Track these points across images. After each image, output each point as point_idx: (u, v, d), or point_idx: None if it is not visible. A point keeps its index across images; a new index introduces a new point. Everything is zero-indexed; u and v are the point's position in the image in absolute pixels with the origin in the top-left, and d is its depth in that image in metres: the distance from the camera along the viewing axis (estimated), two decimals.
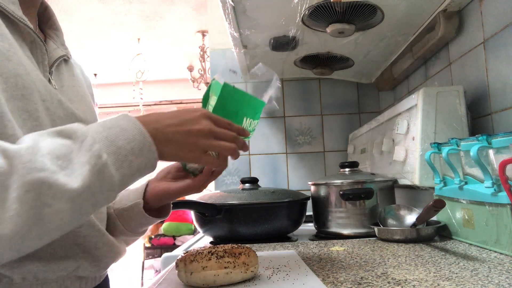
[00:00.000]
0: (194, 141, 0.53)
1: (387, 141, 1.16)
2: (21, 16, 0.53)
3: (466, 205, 0.77)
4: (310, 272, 0.60)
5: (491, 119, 0.91)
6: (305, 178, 1.69)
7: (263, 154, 1.71)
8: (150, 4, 3.21)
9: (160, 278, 0.63)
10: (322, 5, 0.98)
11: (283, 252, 0.80)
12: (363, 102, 1.74)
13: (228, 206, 0.95)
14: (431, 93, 0.96)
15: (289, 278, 0.57)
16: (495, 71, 0.90)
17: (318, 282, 0.55)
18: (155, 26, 3.66)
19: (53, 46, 0.63)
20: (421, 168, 0.93)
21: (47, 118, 0.53)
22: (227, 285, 0.55)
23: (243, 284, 0.55)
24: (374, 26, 1.11)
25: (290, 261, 0.68)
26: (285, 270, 0.62)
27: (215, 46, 1.76)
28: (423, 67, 1.30)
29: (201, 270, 0.54)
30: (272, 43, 1.24)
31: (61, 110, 0.56)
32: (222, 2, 0.98)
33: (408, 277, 0.55)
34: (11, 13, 0.52)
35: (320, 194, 1.03)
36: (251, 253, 0.59)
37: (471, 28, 0.99)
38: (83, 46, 3.95)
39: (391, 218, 0.93)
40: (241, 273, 0.55)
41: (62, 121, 0.55)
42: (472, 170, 0.75)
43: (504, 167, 0.60)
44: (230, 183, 1.69)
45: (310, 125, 1.72)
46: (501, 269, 0.56)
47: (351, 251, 0.77)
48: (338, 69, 1.51)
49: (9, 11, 0.51)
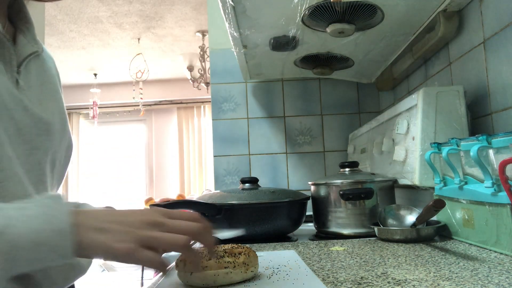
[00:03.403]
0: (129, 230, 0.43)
1: (387, 141, 1.16)
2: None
3: (466, 205, 0.77)
4: (310, 272, 0.60)
5: (491, 119, 0.91)
6: (305, 178, 1.69)
7: (263, 154, 1.71)
8: (150, 4, 3.21)
9: (160, 278, 0.63)
10: (322, 5, 0.98)
11: (283, 252, 0.80)
12: (363, 102, 1.74)
13: (228, 206, 0.95)
14: (431, 93, 0.96)
15: (289, 278, 0.57)
16: (495, 71, 0.90)
17: (318, 282, 0.55)
18: (155, 26, 3.66)
19: (23, 42, 0.58)
20: (421, 168, 0.93)
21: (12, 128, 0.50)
22: (227, 285, 0.55)
23: (243, 284, 0.55)
24: (374, 26, 1.11)
25: (290, 261, 0.69)
26: (285, 270, 0.62)
27: (215, 46, 1.76)
28: (423, 67, 1.30)
29: (201, 270, 0.53)
30: (272, 43, 1.24)
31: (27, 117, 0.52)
32: (222, 2, 0.98)
33: (408, 277, 0.55)
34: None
35: (320, 194, 1.03)
36: (251, 253, 0.59)
37: (471, 28, 0.99)
38: (83, 46, 3.95)
39: (391, 218, 0.93)
40: (241, 273, 0.55)
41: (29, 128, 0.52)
42: (472, 170, 0.75)
43: (504, 167, 0.60)
44: (230, 183, 1.69)
45: (310, 125, 1.72)
46: (501, 269, 0.56)
47: (351, 251, 0.77)
48: (338, 69, 1.51)
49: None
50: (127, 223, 0.44)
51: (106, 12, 3.29)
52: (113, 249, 0.42)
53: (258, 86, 1.73)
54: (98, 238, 0.42)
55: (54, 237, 0.40)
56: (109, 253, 0.43)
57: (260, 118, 1.72)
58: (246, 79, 1.68)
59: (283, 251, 0.81)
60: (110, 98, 5.29)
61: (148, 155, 5.65)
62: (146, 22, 3.54)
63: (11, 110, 0.50)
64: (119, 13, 3.34)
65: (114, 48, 4.17)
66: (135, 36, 3.87)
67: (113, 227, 0.43)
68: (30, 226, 0.40)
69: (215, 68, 1.75)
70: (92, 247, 0.42)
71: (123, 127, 5.68)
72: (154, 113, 5.69)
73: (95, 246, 0.42)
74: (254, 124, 1.72)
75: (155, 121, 5.71)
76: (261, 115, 1.72)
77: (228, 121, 1.72)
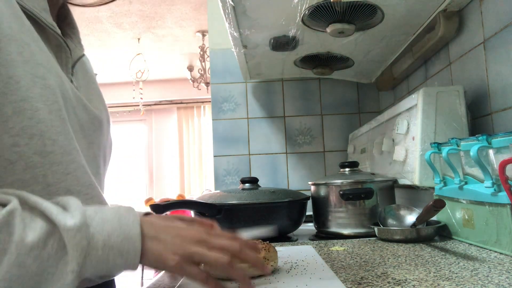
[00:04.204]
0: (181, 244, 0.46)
1: (387, 141, 1.16)
2: (51, 23, 0.53)
3: (466, 205, 0.77)
4: (327, 267, 0.63)
5: (491, 119, 0.91)
6: (305, 178, 1.69)
7: (263, 154, 1.71)
8: (150, 4, 3.21)
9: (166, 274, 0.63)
10: (322, 5, 0.98)
11: (300, 247, 0.83)
12: (363, 102, 1.74)
13: (228, 206, 0.94)
14: (431, 93, 0.96)
15: (306, 273, 0.60)
16: (495, 71, 0.90)
17: (333, 276, 0.58)
18: (155, 26, 3.66)
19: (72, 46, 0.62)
20: (421, 168, 0.93)
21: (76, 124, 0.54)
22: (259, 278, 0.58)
23: (263, 277, 0.58)
24: (374, 26, 1.11)
25: (307, 256, 0.72)
26: (303, 265, 0.65)
27: (215, 46, 1.76)
28: (423, 67, 1.30)
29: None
30: (272, 43, 1.24)
31: (86, 114, 0.57)
32: (222, 2, 0.98)
33: (408, 277, 0.55)
34: (43, 21, 0.52)
35: (320, 194, 1.03)
36: (271, 248, 0.62)
37: (471, 28, 0.99)
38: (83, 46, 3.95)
39: (391, 218, 0.93)
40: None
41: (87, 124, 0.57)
42: (472, 170, 0.75)
43: (504, 167, 0.60)
44: (230, 183, 1.69)
45: (310, 125, 1.72)
46: (501, 269, 0.56)
47: (351, 251, 0.77)
48: (338, 69, 1.51)
49: (42, 19, 0.52)
50: (180, 236, 0.46)
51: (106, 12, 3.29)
52: (165, 260, 0.45)
53: (258, 86, 1.73)
54: (153, 247, 0.45)
55: (123, 242, 0.43)
56: (160, 262, 0.45)
57: (260, 118, 1.72)
58: (246, 79, 1.68)
59: (300, 247, 0.84)
60: (110, 98, 5.28)
61: (148, 155, 5.65)
62: (146, 22, 3.54)
63: (75, 108, 0.54)
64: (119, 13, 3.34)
65: (114, 48, 4.17)
66: (135, 36, 3.87)
67: (167, 239, 0.46)
68: (103, 228, 0.42)
69: (215, 68, 1.75)
70: (146, 255, 0.45)
71: (123, 127, 5.67)
72: (154, 113, 5.69)
73: (150, 254, 0.45)
74: (254, 124, 1.72)
75: (155, 121, 5.71)
76: (261, 115, 1.72)
77: (228, 121, 1.72)
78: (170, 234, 0.46)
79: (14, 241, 0.37)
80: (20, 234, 0.38)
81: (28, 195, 0.42)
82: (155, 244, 0.45)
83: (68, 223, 0.40)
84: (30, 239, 0.38)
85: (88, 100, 0.60)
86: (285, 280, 0.57)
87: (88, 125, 0.57)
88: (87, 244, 0.41)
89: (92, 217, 0.43)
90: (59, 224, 0.40)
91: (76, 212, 0.42)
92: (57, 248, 0.40)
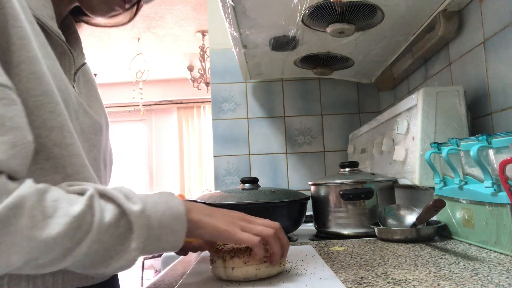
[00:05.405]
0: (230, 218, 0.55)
1: (387, 141, 1.16)
2: (57, 31, 0.56)
3: (466, 205, 0.77)
4: (327, 267, 0.63)
5: (491, 119, 0.91)
6: (305, 178, 1.69)
7: (263, 154, 1.71)
8: (150, 4, 3.21)
9: (185, 272, 0.63)
10: (322, 5, 0.98)
11: (300, 247, 0.83)
12: (363, 102, 1.74)
13: (228, 206, 0.94)
14: (431, 93, 0.96)
15: (306, 273, 0.60)
16: (495, 71, 0.90)
17: (332, 275, 0.58)
18: (155, 26, 3.66)
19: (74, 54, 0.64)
20: (421, 168, 0.93)
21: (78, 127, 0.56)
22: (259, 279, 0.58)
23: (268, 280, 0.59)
24: (374, 26, 1.11)
25: (307, 256, 0.72)
26: (303, 265, 0.66)
27: (215, 46, 1.76)
28: (423, 67, 1.30)
29: (243, 265, 0.57)
30: (272, 43, 1.24)
31: (87, 118, 0.59)
32: (222, 2, 0.98)
33: (408, 277, 0.55)
34: (50, 28, 0.54)
35: (320, 194, 1.03)
36: None
37: (471, 28, 0.99)
38: (83, 46, 3.95)
39: (391, 218, 0.93)
40: (278, 266, 0.59)
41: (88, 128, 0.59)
42: (472, 170, 0.75)
43: (504, 167, 0.60)
44: (230, 183, 1.69)
45: (310, 125, 1.72)
46: (501, 269, 0.56)
47: (351, 251, 0.77)
48: (338, 69, 1.51)
49: (49, 27, 0.54)
50: (226, 215, 0.55)
51: None
52: (220, 228, 0.53)
53: (258, 86, 1.73)
54: (207, 219, 0.53)
55: (173, 221, 0.49)
56: (216, 231, 0.53)
57: (260, 118, 1.72)
58: (246, 79, 1.68)
59: (300, 247, 0.84)
60: (110, 98, 5.29)
61: (148, 155, 5.65)
62: (146, 22, 3.54)
63: (77, 112, 0.57)
64: None
65: (114, 48, 4.17)
66: (135, 36, 3.87)
67: (217, 214, 0.55)
68: (156, 210, 0.49)
69: (215, 68, 1.75)
70: (202, 225, 0.52)
71: (123, 127, 5.68)
72: (154, 113, 5.70)
73: (205, 225, 0.52)
74: (254, 124, 1.72)
75: (155, 121, 5.71)
76: (261, 115, 1.72)
77: (228, 121, 1.72)
78: (219, 213, 0.55)
79: (96, 221, 0.44)
80: (99, 215, 0.44)
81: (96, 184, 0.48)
82: (208, 218, 0.53)
83: (133, 208, 0.46)
84: (107, 220, 0.45)
85: (89, 106, 0.62)
86: (285, 280, 0.57)
87: (89, 129, 0.59)
88: (147, 224, 0.47)
89: (147, 201, 0.49)
90: (126, 208, 0.46)
91: (135, 198, 0.48)
92: (127, 228, 0.46)
